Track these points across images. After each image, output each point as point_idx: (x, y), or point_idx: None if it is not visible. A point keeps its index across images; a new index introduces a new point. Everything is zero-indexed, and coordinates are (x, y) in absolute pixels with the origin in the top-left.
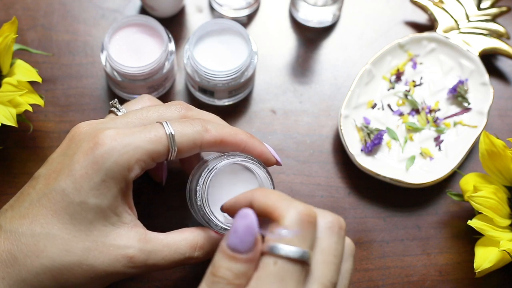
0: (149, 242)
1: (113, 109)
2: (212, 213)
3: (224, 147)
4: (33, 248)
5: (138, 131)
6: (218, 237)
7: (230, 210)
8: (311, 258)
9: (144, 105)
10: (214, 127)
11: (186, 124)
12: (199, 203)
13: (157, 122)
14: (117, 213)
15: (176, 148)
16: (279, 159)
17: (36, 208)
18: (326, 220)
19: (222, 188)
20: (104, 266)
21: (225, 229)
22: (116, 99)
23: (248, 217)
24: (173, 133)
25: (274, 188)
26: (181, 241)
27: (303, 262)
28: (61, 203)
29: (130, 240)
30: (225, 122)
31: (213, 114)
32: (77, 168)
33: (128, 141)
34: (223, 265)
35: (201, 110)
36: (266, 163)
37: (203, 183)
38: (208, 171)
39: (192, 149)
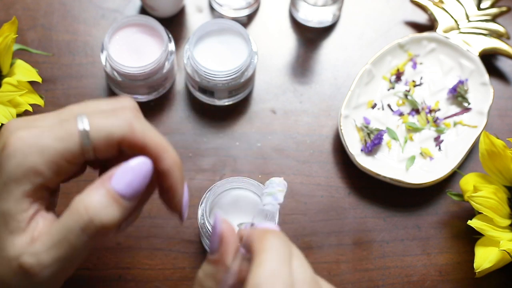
0: (35, 240)
1: None
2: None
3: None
4: None
5: (48, 128)
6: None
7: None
8: None
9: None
10: (144, 128)
11: (108, 117)
12: (201, 222)
13: (77, 117)
14: (18, 219)
15: (91, 146)
16: (184, 215)
17: None
18: None
19: (224, 209)
20: (7, 283)
21: None
22: None
23: (219, 221)
24: (87, 128)
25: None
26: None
27: None
28: None
29: (22, 246)
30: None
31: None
32: None
33: (34, 141)
34: (202, 266)
35: (148, 125)
36: (172, 208)
37: (206, 203)
38: (211, 193)
39: (110, 147)
